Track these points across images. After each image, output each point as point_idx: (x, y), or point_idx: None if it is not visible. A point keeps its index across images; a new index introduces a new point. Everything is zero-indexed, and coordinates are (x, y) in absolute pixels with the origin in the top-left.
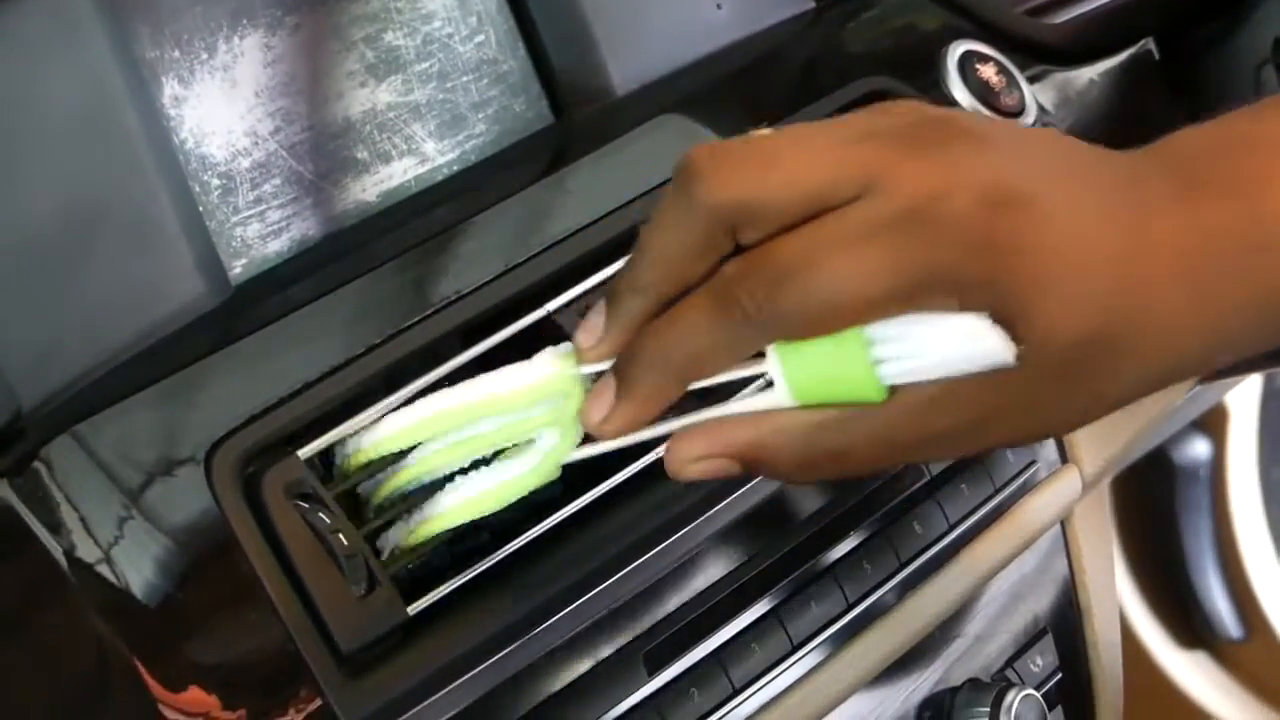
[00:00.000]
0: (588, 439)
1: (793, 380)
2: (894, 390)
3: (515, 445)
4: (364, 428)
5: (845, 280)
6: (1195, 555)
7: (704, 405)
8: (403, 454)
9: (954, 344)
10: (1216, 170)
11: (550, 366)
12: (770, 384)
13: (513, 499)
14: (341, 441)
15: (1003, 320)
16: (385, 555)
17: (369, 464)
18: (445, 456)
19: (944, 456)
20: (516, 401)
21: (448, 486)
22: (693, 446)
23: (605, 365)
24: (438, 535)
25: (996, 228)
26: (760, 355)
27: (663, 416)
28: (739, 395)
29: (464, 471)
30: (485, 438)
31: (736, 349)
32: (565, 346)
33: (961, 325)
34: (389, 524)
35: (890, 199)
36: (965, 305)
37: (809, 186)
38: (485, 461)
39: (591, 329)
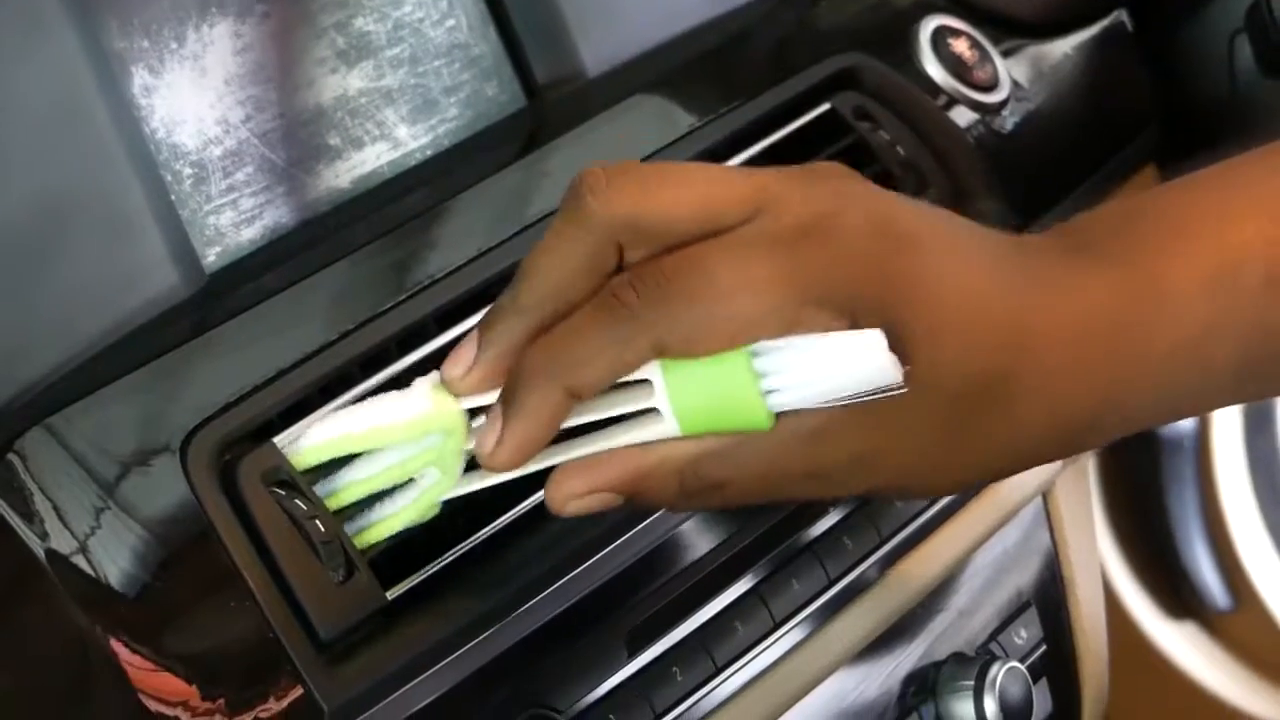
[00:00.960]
0: (469, 472)
1: (678, 407)
2: (780, 419)
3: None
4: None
5: (733, 288)
6: (1182, 526)
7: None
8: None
9: (842, 362)
10: (1105, 241)
11: (426, 399)
12: (657, 414)
13: (393, 533)
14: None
15: (891, 349)
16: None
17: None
18: (360, 488)
19: (827, 496)
20: (396, 436)
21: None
22: (573, 483)
23: (484, 398)
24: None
25: (888, 254)
26: (647, 386)
27: (545, 451)
28: (623, 426)
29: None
30: (363, 483)
31: (620, 353)
32: (434, 377)
33: (851, 341)
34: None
35: (781, 217)
36: (855, 326)
37: (701, 206)
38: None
39: (460, 358)
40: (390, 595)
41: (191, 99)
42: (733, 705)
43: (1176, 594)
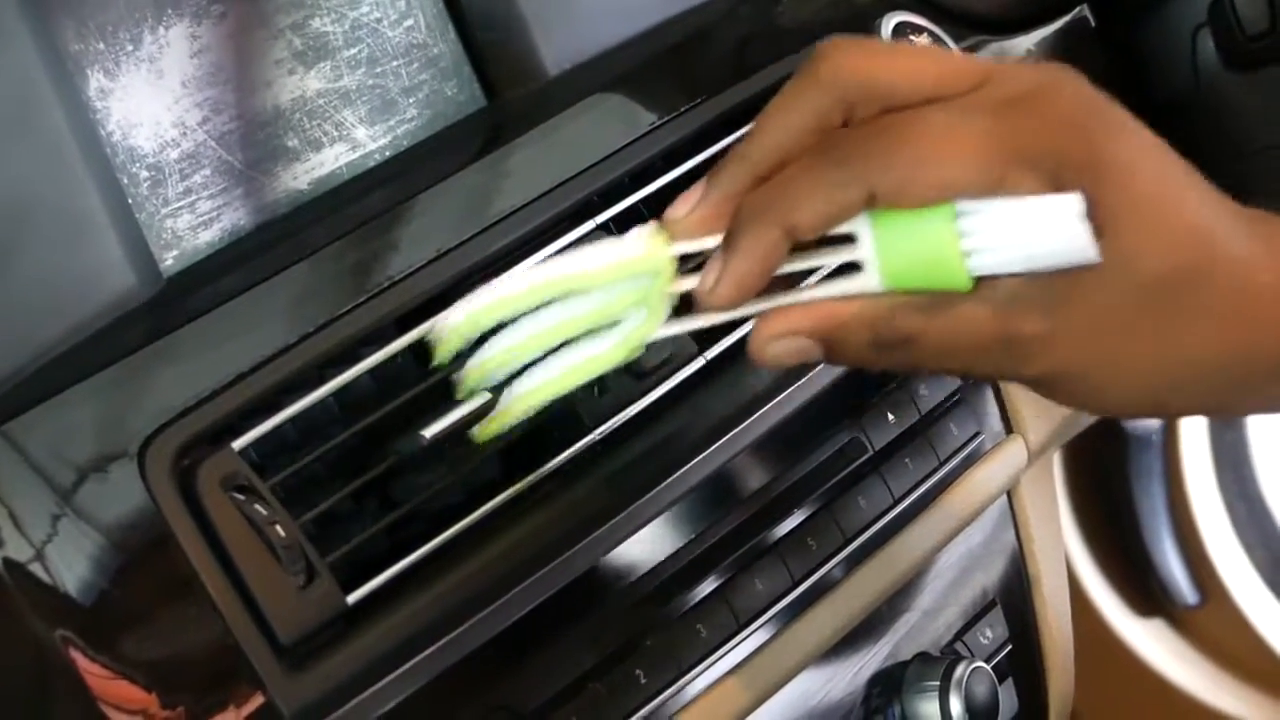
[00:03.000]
0: (673, 319)
1: (883, 260)
2: (977, 283)
3: (601, 327)
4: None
5: (949, 140)
6: (1149, 522)
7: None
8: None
9: (1041, 226)
10: None
11: (641, 243)
12: (860, 270)
13: (598, 374)
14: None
15: (1093, 224)
16: (474, 434)
17: (460, 342)
18: (534, 342)
19: (1008, 373)
20: (605, 278)
21: (535, 366)
22: (776, 324)
23: (696, 244)
24: (526, 412)
25: (1100, 132)
26: (854, 243)
27: (754, 300)
28: (828, 281)
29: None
30: (573, 321)
31: (835, 194)
32: (653, 224)
33: (1051, 205)
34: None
35: (1001, 87)
36: (1060, 188)
37: (929, 76)
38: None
39: (686, 200)
40: (351, 599)
41: (148, 101)
42: (697, 706)
43: (1144, 590)
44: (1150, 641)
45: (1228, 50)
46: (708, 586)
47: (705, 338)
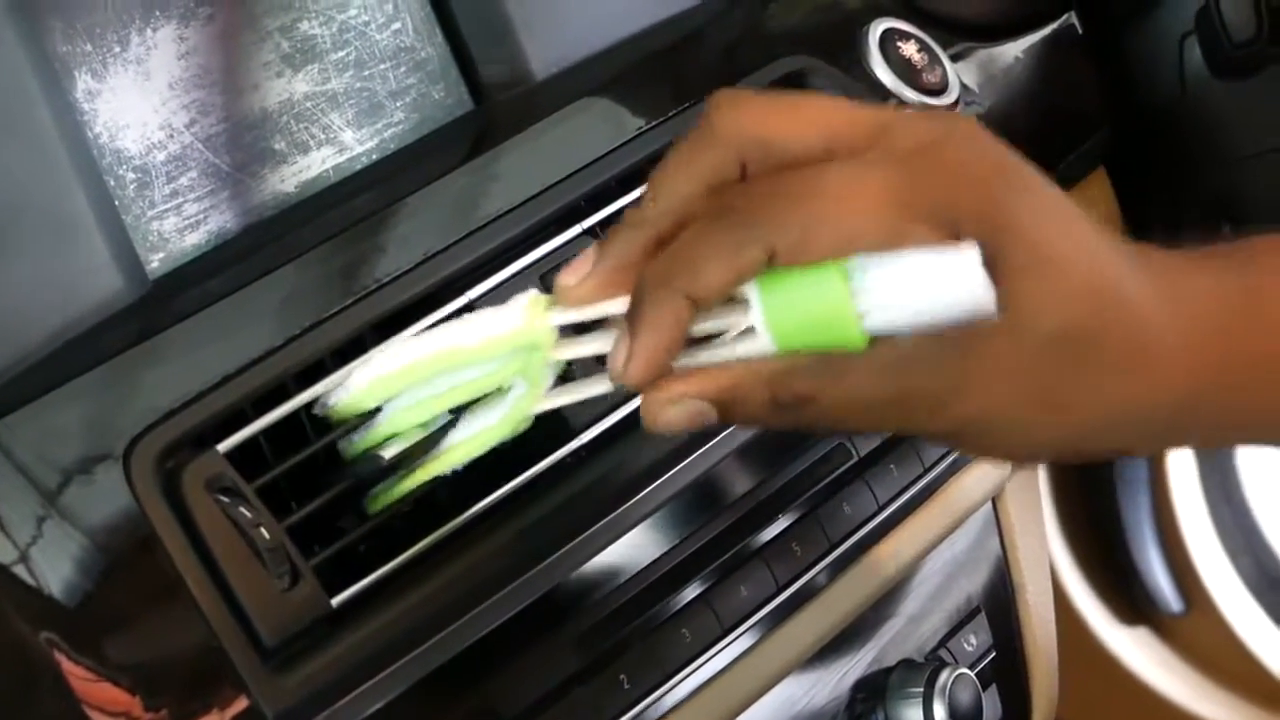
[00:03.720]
0: (561, 388)
1: (774, 323)
2: (872, 343)
3: (485, 397)
4: (333, 385)
5: (847, 196)
6: (1134, 530)
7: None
8: (375, 411)
9: (937, 279)
10: (1210, 254)
11: (519, 315)
12: (753, 335)
13: (483, 450)
14: (314, 401)
15: (990, 277)
16: (367, 505)
17: (342, 421)
18: (416, 413)
19: (910, 430)
20: (483, 354)
21: (427, 441)
22: (671, 388)
23: (577, 314)
24: (418, 489)
25: (998, 185)
26: (745, 308)
27: None
28: (722, 344)
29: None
30: (457, 391)
31: (736, 255)
32: (533, 294)
33: (948, 258)
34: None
35: (900, 139)
36: (958, 241)
37: (824, 128)
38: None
39: (576, 269)
40: (335, 602)
41: (135, 103)
42: (681, 712)
43: (1128, 598)
44: (1134, 649)
45: (1214, 57)
46: (692, 591)
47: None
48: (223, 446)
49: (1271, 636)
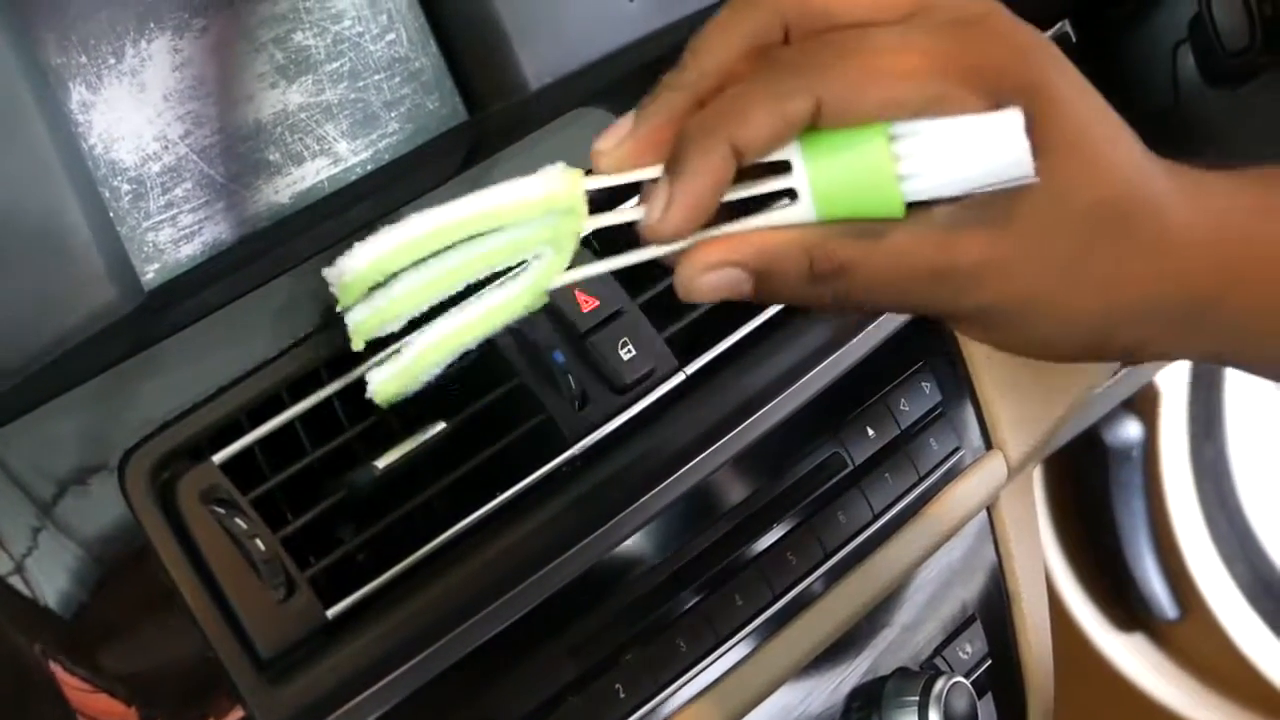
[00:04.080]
0: (590, 260)
1: (816, 187)
2: (913, 210)
3: (507, 269)
4: (349, 256)
5: (896, 55)
6: (1130, 536)
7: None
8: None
9: (979, 143)
10: (1233, 173)
11: (556, 179)
12: (792, 199)
13: (503, 322)
14: (331, 265)
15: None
16: (371, 392)
17: (364, 289)
18: (436, 286)
19: (946, 307)
20: (514, 215)
21: (438, 317)
22: (709, 253)
23: (610, 180)
24: (429, 368)
25: (1040, 57)
26: (787, 171)
27: None
28: (761, 212)
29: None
30: (476, 260)
31: (782, 105)
32: (563, 164)
33: (990, 121)
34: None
35: (944, 11)
36: (999, 109)
37: None
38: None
39: (614, 131)
40: (331, 613)
41: (130, 115)
42: None
43: (1124, 604)
44: (1130, 655)
45: (1208, 66)
46: (687, 601)
47: (685, 353)
48: (218, 458)
49: (1266, 642)
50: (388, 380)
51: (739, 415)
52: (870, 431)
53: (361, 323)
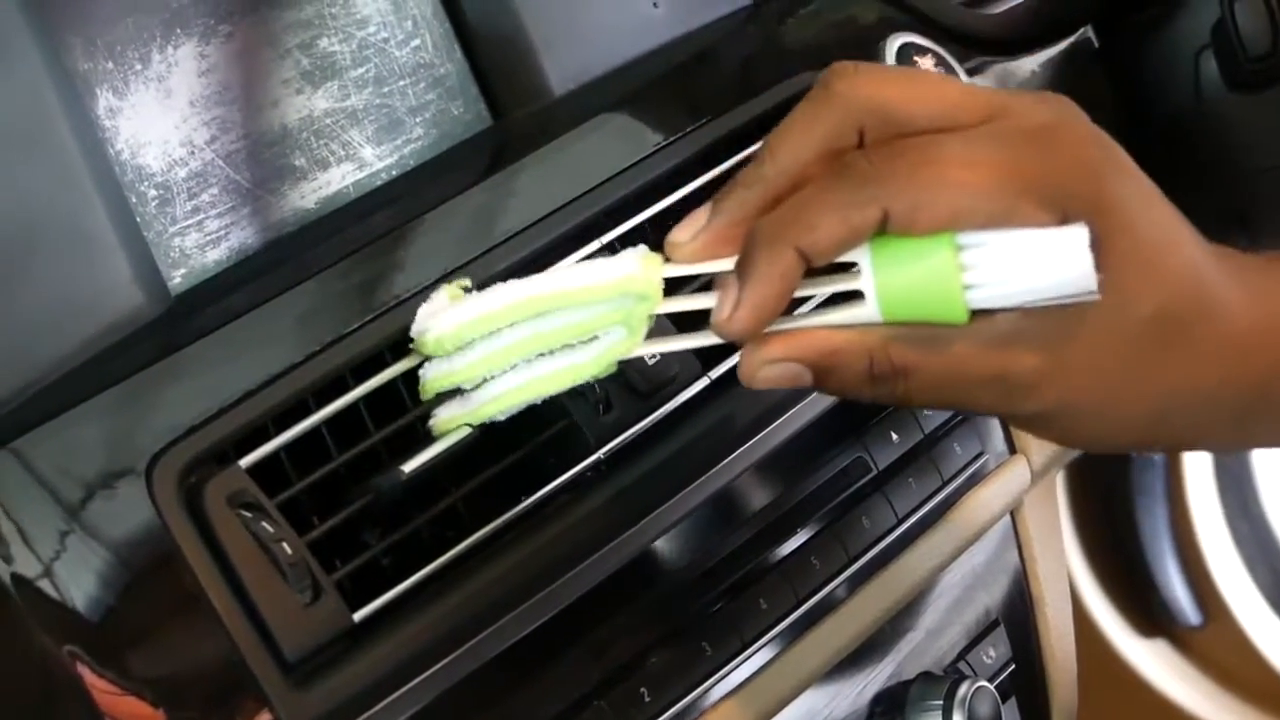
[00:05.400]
0: (653, 338)
1: (882, 291)
2: (974, 317)
3: (576, 343)
4: (427, 313)
5: (966, 167)
6: (1152, 542)
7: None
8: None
9: (1044, 258)
10: None
11: (635, 265)
12: (858, 299)
13: (568, 386)
14: (418, 326)
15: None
16: (433, 424)
17: (444, 350)
18: (508, 355)
19: (1002, 410)
20: (594, 296)
21: (507, 373)
22: (770, 349)
23: (690, 269)
24: (492, 415)
25: (1107, 170)
26: (854, 272)
27: None
28: (827, 308)
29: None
30: (550, 335)
31: (849, 215)
32: (644, 248)
33: (1056, 237)
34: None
35: (1014, 120)
36: (1065, 224)
37: (942, 104)
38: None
39: (690, 224)
40: (357, 617)
41: (156, 121)
42: None
43: (1147, 610)
44: (1153, 661)
45: (1230, 71)
46: (712, 606)
47: (710, 357)
48: (244, 462)
49: None
50: (450, 419)
51: (762, 420)
52: (894, 436)
53: (435, 379)
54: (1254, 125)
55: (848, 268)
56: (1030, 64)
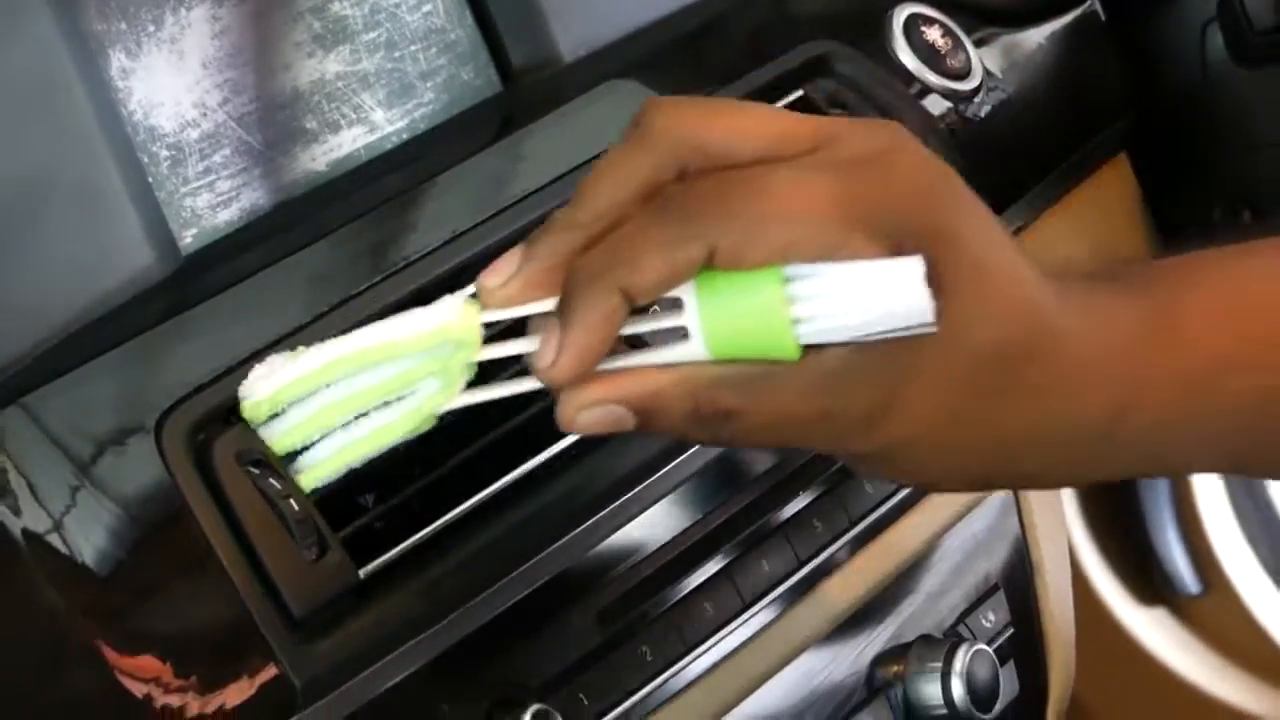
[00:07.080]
0: (473, 388)
1: (708, 327)
2: (805, 355)
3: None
4: (259, 376)
5: (793, 199)
6: (1153, 511)
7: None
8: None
9: (877, 290)
10: (1128, 276)
11: (452, 313)
12: (685, 336)
13: (386, 445)
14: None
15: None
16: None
17: (266, 415)
18: (329, 414)
19: (834, 449)
20: (410, 348)
21: (329, 436)
22: (589, 392)
23: (510, 313)
24: (323, 479)
25: (939, 199)
26: (678, 308)
27: None
28: (650, 348)
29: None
30: (369, 391)
31: (673, 252)
32: (465, 293)
33: (890, 269)
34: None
35: (844, 149)
36: (899, 254)
37: (764, 133)
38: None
39: (500, 269)
40: (363, 573)
41: (169, 81)
42: (702, 684)
43: (1146, 578)
44: (1151, 629)
45: (1236, 46)
46: (714, 566)
47: None
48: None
49: None
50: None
51: None
52: None
53: (279, 439)
54: (1260, 99)
55: (675, 303)
56: (1037, 35)
